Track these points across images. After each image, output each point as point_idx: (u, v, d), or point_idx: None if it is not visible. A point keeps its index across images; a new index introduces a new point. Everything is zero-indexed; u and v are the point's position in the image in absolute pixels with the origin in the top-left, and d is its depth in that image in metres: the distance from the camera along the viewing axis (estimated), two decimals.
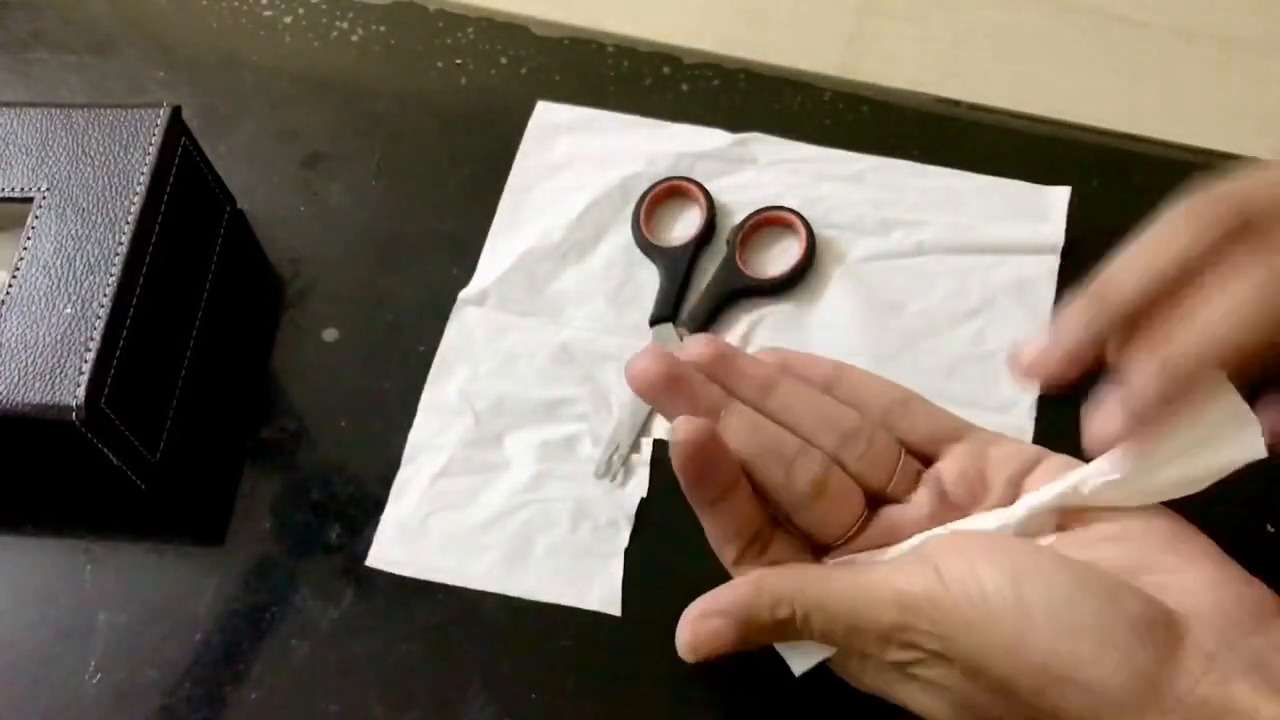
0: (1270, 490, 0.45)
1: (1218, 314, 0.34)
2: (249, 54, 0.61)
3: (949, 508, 0.40)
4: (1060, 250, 0.53)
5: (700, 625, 0.40)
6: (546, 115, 0.58)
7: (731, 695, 0.45)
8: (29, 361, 0.45)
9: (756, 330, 0.52)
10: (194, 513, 0.50)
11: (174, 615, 0.47)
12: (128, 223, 0.48)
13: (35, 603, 0.48)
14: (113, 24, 0.63)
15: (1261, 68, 0.61)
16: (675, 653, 0.45)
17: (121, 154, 0.50)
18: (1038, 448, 0.42)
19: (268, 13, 0.63)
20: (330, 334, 0.53)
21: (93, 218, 0.48)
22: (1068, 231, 0.53)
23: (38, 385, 0.44)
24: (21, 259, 0.47)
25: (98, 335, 0.45)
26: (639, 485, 0.49)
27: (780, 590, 0.39)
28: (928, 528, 0.40)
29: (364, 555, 0.48)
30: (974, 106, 0.58)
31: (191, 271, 0.53)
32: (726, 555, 0.41)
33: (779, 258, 0.54)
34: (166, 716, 0.45)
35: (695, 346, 0.41)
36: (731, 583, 0.41)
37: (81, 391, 0.44)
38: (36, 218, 0.48)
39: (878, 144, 0.57)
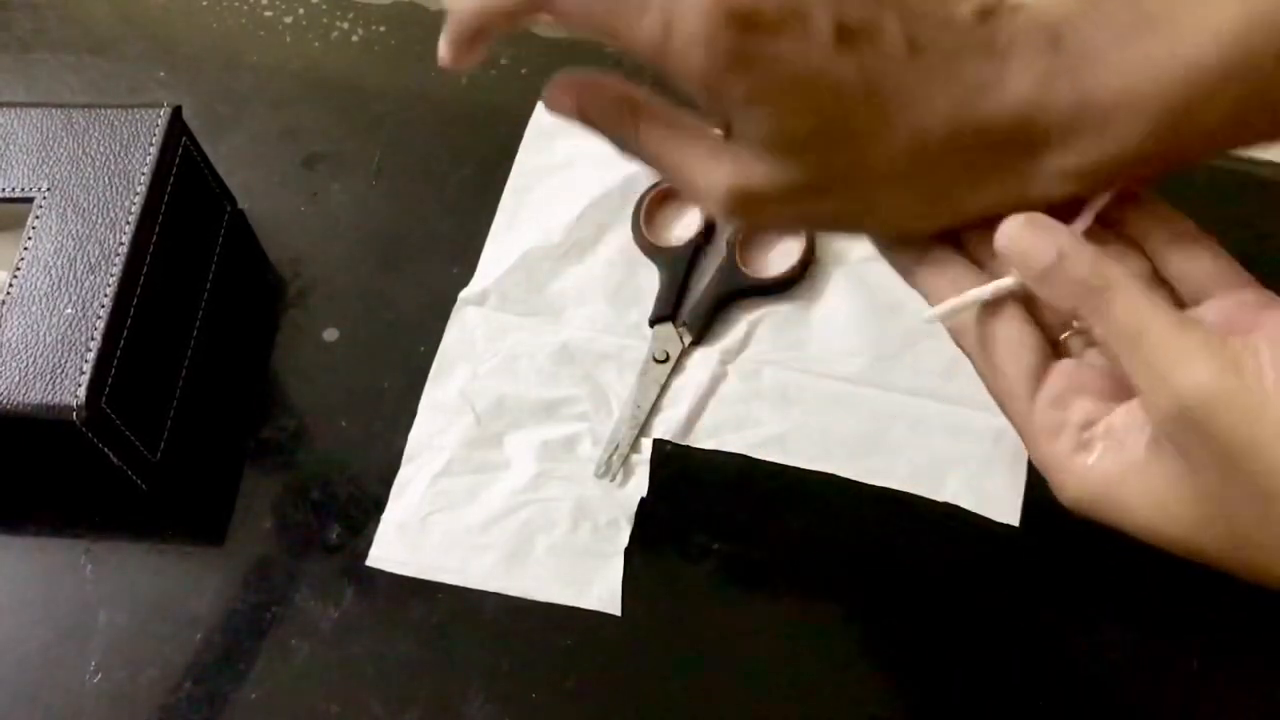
0: None
1: None
2: (249, 54, 0.62)
3: None
4: None
5: None
6: (546, 115, 0.58)
7: (732, 695, 0.45)
8: (30, 361, 0.45)
9: (757, 330, 0.52)
10: (194, 513, 0.50)
11: (174, 615, 0.47)
12: (128, 223, 0.48)
13: (35, 603, 0.48)
14: (113, 24, 0.63)
15: None
16: (675, 653, 0.46)
17: (122, 154, 0.50)
18: None
19: (268, 13, 0.63)
20: (330, 334, 0.53)
21: (93, 218, 0.48)
22: None
23: (38, 385, 0.44)
24: (22, 259, 0.47)
25: (98, 335, 0.45)
26: (639, 485, 0.49)
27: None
28: None
29: (364, 555, 0.48)
30: None
31: (192, 271, 0.53)
32: None
33: (779, 258, 0.54)
34: (166, 716, 0.45)
35: None
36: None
37: (82, 391, 0.44)
38: (37, 218, 0.48)
39: None
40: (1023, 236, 0.32)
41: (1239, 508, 0.29)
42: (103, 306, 0.46)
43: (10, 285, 0.47)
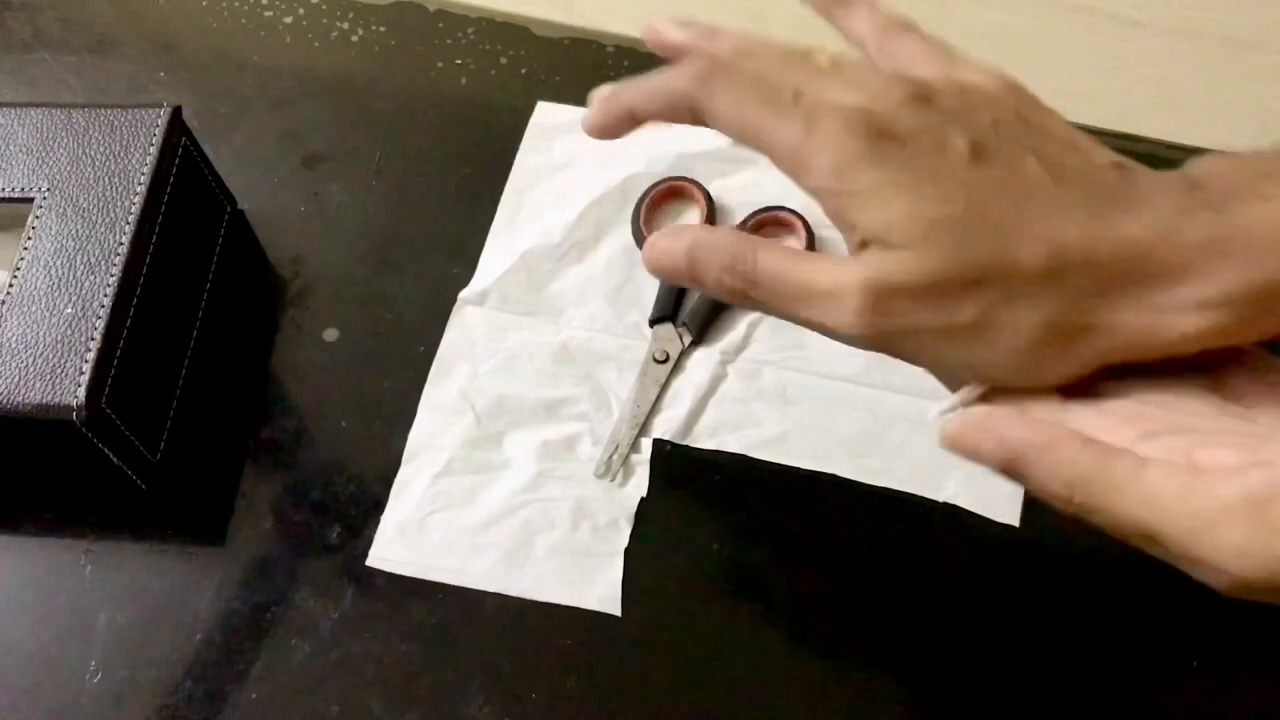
0: None
1: None
2: (249, 54, 0.62)
3: None
4: None
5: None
6: (546, 115, 0.58)
7: (732, 695, 0.45)
8: (29, 361, 0.45)
9: (757, 330, 0.52)
10: (194, 513, 0.50)
11: (174, 615, 0.47)
12: (128, 223, 0.48)
13: (35, 603, 0.48)
14: (113, 24, 0.63)
15: (1261, 66, 0.61)
16: (675, 653, 0.46)
17: (122, 154, 0.50)
18: None
19: (268, 13, 0.63)
20: (330, 334, 0.53)
21: (93, 218, 0.48)
22: None
23: (38, 385, 0.44)
24: (22, 259, 0.47)
25: (98, 335, 0.45)
26: (639, 485, 0.49)
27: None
28: None
29: (364, 555, 0.48)
30: None
31: (192, 271, 0.53)
32: None
33: None
34: (166, 716, 0.45)
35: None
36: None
37: (82, 391, 0.44)
38: (37, 218, 0.48)
39: None
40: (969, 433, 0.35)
41: None
42: (103, 306, 0.46)
43: (10, 285, 0.47)
